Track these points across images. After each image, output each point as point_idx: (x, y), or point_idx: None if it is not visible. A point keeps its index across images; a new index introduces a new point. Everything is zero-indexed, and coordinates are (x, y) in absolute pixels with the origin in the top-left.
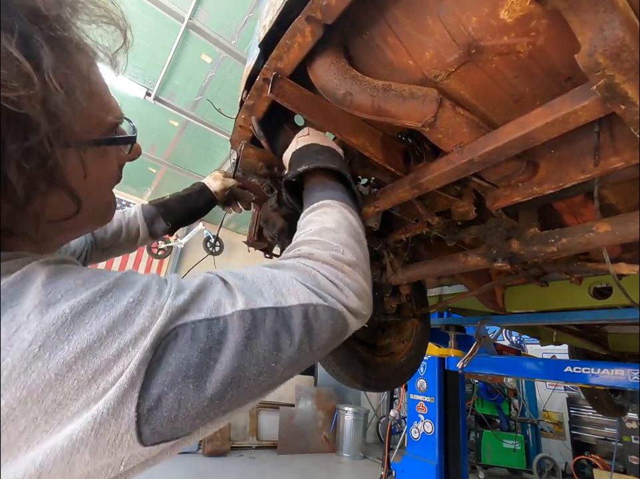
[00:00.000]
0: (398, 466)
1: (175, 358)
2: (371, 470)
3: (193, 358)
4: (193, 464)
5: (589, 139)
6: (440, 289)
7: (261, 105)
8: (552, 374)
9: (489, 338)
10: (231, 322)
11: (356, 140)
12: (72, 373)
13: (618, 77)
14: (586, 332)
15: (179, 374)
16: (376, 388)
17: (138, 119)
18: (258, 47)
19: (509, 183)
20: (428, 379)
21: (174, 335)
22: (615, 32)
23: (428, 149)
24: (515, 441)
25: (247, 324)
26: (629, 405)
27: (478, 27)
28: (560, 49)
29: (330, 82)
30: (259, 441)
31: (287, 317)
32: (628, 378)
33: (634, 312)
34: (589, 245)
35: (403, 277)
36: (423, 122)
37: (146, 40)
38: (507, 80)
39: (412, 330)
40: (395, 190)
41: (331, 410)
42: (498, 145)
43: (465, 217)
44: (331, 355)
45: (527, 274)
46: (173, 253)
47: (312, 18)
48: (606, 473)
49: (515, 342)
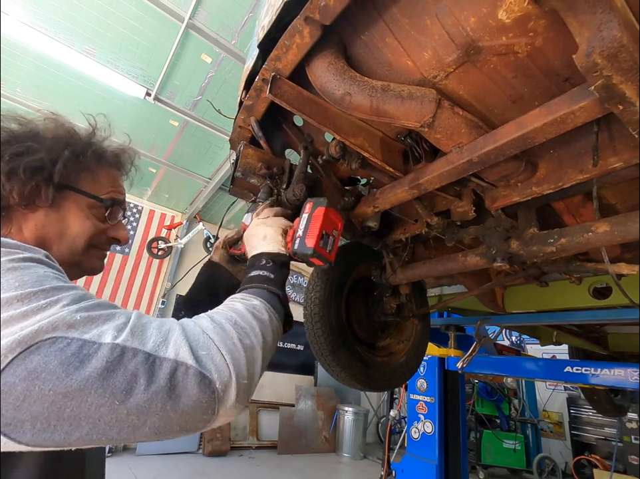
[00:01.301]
0: (398, 466)
1: (38, 360)
2: (371, 469)
3: (50, 365)
4: (193, 464)
5: (588, 139)
6: (439, 289)
7: (260, 105)
8: (552, 374)
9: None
10: (101, 350)
11: (355, 140)
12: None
13: (616, 77)
14: (586, 332)
15: (32, 374)
16: (376, 388)
17: (138, 119)
18: (257, 48)
19: (508, 183)
20: (428, 379)
21: (50, 342)
22: (613, 33)
23: (427, 149)
24: (515, 441)
25: (112, 357)
26: (629, 405)
27: (476, 27)
28: (558, 50)
29: (328, 83)
30: (259, 441)
31: (155, 365)
32: (628, 378)
33: (634, 312)
34: (588, 245)
35: (403, 276)
36: (422, 122)
37: (146, 40)
38: (505, 80)
39: (412, 330)
40: (394, 190)
41: (331, 410)
42: (497, 145)
43: (464, 217)
44: (331, 355)
45: (526, 274)
46: (173, 253)
47: (310, 19)
48: (606, 473)
49: (515, 342)
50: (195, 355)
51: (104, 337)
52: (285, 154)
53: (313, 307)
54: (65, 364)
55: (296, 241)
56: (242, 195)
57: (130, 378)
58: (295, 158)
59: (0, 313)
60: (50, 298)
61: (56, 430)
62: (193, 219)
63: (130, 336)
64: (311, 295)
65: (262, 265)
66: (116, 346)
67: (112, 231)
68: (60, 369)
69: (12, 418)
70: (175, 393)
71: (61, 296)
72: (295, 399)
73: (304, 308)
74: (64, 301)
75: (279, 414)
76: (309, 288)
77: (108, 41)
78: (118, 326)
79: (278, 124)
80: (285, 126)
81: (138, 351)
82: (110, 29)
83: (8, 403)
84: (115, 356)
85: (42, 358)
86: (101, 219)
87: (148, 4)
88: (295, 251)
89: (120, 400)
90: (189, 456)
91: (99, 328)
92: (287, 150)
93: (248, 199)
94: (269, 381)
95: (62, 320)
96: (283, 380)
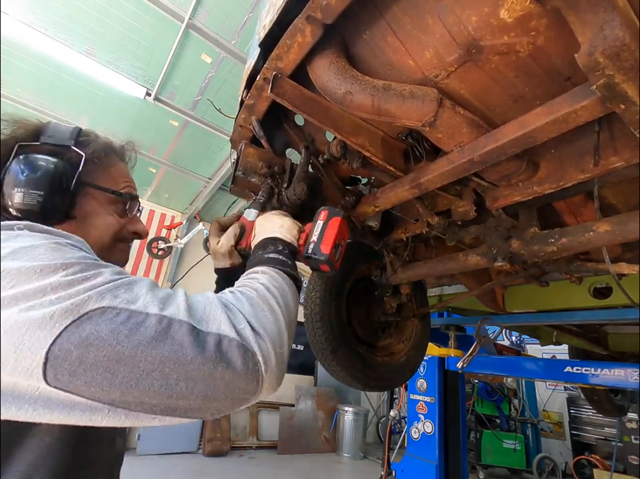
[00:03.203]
0: (398, 466)
1: (90, 328)
2: (371, 469)
3: (102, 333)
4: (193, 464)
5: (589, 138)
6: (440, 289)
7: (261, 105)
8: (552, 374)
9: (489, 338)
10: (149, 320)
11: (356, 139)
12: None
13: (618, 76)
14: (586, 332)
15: (86, 341)
16: (376, 388)
17: (138, 119)
18: (258, 47)
19: (509, 182)
20: (428, 379)
21: (100, 312)
22: (615, 32)
23: (428, 148)
24: (515, 441)
25: (161, 327)
26: (629, 405)
27: (478, 26)
28: (560, 49)
29: (330, 82)
30: (259, 441)
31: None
32: (628, 378)
33: (634, 312)
34: (589, 245)
35: (403, 276)
36: (423, 121)
37: (146, 40)
38: (507, 79)
39: (412, 330)
40: (395, 190)
41: (331, 410)
42: (498, 144)
43: (465, 216)
44: (331, 355)
45: (527, 274)
46: (173, 253)
47: (312, 17)
48: (606, 473)
49: (515, 342)
50: (236, 329)
51: (150, 308)
52: (286, 153)
53: (314, 306)
54: (116, 332)
55: (310, 245)
56: (243, 195)
57: (177, 347)
58: (295, 157)
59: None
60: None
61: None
62: (193, 219)
63: (175, 309)
64: (311, 294)
65: (280, 250)
66: (163, 317)
67: (132, 225)
68: (112, 337)
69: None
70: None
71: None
72: (295, 399)
73: (304, 308)
74: (107, 274)
75: (279, 414)
76: (310, 287)
77: (108, 41)
78: (162, 299)
79: (279, 123)
80: (286, 125)
81: (184, 323)
82: (110, 29)
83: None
84: (163, 327)
85: (94, 327)
86: (121, 214)
87: (147, 4)
88: (308, 255)
89: (170, 367)
90: (189, 456)
91: (145, 300)
92: (288, 149)
93: (249, 199)
94: None
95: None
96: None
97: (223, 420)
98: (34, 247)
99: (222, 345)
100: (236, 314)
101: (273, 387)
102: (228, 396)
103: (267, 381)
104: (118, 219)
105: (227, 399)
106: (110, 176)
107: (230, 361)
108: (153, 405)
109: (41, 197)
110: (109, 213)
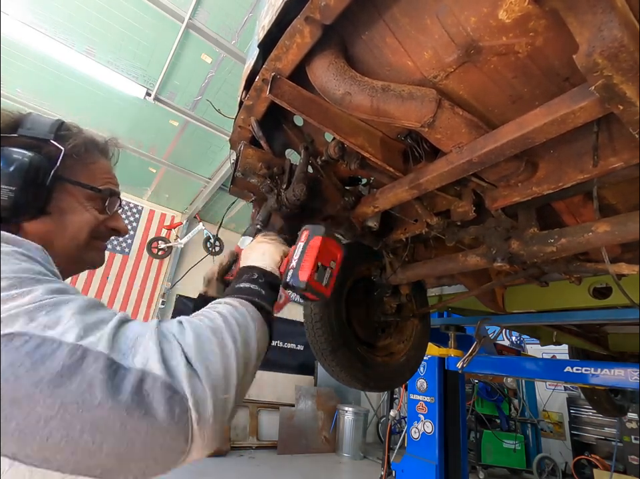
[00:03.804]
0: (398, 466)
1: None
2: (371, 469)
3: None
4: (193, 464)
5: (588, 139)
6: (440, 289)
7: (260, 105)
8: (552, 374)
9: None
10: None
11: (355, 140)
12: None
13: (616, 77)
14: (586, 332)
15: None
16: (376, 388)
17: (138, 119)
18: (257, 48)
19: (509, 183)
20: (428, 379)
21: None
22: (613, 33)
23: (427, 149)
24: (515, 441)
25: (70, 360)
26: (629, 405)
27: (476, 27)
28: (558, 50)
29: (329, 83)
30: (259, 441)
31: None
32: (628, 378)
33: (634, 312)
34: (588, 245)
35: (403, 276)
36: (422, 122)
37: (146, 40)
38: (505, 80)
39: (412, 330)
40: (394, 190)
41: (331, 410)
42: (497, 145)
43: (464, 217)
44: (331, 355)
45: (526, 274)
46: (173, 253)
47: (311, 18)
48: (606, 473)
49: (515, 342)
50: (167, 365)
51: (67, 336)
52: (285, 154)
53: (313, 306)
54: (16, 365)
55: (289, 273)
56: (242, 195)
57: (86, 387)
58: (295, 158)
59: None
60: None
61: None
62: (193, 219)
63: (97, 337)
64: None
65: (254, 279)
66: (78, 347)
67: (111, 221)
68: (10, 371)
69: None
70: (137, 409)
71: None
72: (295, 399)
73: (304, 308)
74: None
75: (279, 414)
76: None
77: (108, 41)
78: (89, 324)
79: (278, 124)
80: (285, 126)
81: (101, 355)
82: (110, 29)
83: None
84: (74, 359)
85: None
86: (100, 210)
87: (148, 4)
88: (286, 284)
89: (72, 413)
90: None
91: (65, 325)
92: (288, 150)
93: (248, 199)
94: (269, 381)
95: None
96: (283, 380)
97: None
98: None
99: (144, 385)
100: (173, 347)
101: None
102: (148, 454)
103: (198, 436)
104: (97, 215)
105: (147, 459)
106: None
107: (150, 407)
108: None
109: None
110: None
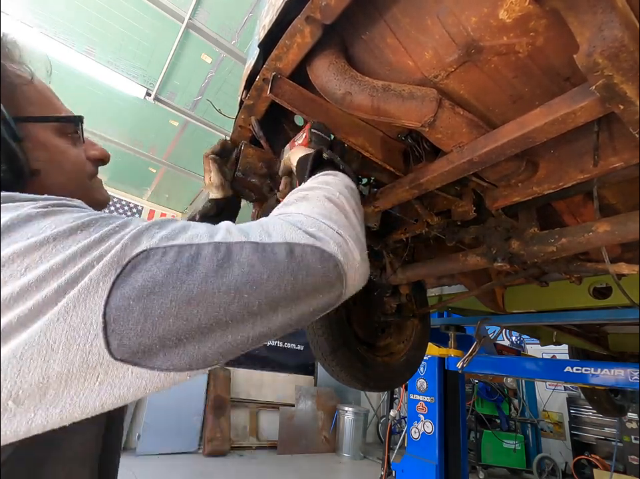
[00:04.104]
0: (398, 466)
1: (142, 276)
2: (371, 469)
3: (158, 277)
4: (193, 464)
5: (588, 139)
6: (440, 289)
7: (261, 105)
8: (552, 374)
9: (489, 338)
10: (204, 250)
11: (356, 140)
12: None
13: (617, 77)
14: (586, 332)
15: (144, 290)
16: (376, 388)
17: (138, 119)
18: (258, 47)
19: (509, 183)
20: (428, 379)
21: (144, 257)
22: (614, 33)
23: (427, 149)
24: (515, 441)
25: (221, 254)
26: (629, 405)
27: (477, 27)
28: (559, 49)
29: (329, 82)
30: (259, 441)
31: (267, 252)
32: (628, 378)
33: (634, 312)
34: (588, 245)
35: (403, 276)
36: (422, 122)
37: (146, 40)
38: (506, 80)
39: (412, 330)
40: (395, 190)
41: (331, 410)
42: (498, 145)
43: (464, 217)
44: (331, 355)
45: (527, 274)
46: None
47: (311, 18)
48: (606, 473)
49: (515, 342)
50: (307, 232)
51: (198, 239)
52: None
53: None
54: (174, 272)
55: None
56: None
57: (248, 269)
58: None
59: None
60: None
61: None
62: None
63: (225, 233)
64: None
65: None
66: (219, 244)
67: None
68: (171, 278)
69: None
70: (300, 274)
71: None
72: (295, 399)
73: None
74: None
75: (279, 414)
76: None
77: (108, 41)
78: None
79: (279, 123)
80: (285, 125)
81: (244, 243)
82: (110, 29)
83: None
84: (223, 253)
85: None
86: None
87: (148, 4)
88: None
89: (248, 292)
90: (189, 456)
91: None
92: None
93: (248, 199)
94: (269, 381)
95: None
96: (283, 380)
97: (223, 420)
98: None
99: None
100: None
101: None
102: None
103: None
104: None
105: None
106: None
107: (309, 267)
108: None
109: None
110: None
